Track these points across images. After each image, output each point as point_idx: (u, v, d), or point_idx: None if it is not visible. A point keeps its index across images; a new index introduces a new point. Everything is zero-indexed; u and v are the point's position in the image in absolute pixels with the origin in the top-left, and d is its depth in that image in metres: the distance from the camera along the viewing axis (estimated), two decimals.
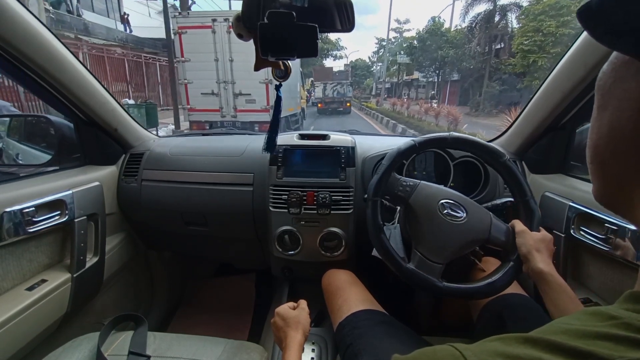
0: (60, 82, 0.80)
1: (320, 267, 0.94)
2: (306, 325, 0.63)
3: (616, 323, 0.21)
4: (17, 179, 0.82)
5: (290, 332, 0.60)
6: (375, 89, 39.26)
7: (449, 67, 20.90)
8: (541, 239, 0.64)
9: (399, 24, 30.49)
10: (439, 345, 0.26)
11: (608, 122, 0.26)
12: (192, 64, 5.71)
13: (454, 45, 18.95)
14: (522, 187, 0.71)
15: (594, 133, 0.28)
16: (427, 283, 0.65)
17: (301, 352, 0.58)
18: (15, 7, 0.64)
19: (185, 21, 5.55)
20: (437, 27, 20.37)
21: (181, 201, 1.06)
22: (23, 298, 0.74)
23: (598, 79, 0.27)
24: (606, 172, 0.28)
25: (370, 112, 16.88)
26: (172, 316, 1.44)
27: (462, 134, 0.76)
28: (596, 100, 0.28)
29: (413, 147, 0.73)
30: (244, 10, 0.48)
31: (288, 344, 0.58)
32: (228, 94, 5.85)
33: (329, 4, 0.46)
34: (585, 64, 0.71)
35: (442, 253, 0.67)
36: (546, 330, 0.24)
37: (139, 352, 0.70)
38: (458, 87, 21.55)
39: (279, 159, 0.99)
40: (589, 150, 0.29)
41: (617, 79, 0.25)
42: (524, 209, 0.71)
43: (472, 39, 17.02)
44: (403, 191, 0.72)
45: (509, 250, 0.67)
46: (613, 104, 0.25)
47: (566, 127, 0.89)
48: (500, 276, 0.65)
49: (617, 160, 0.26)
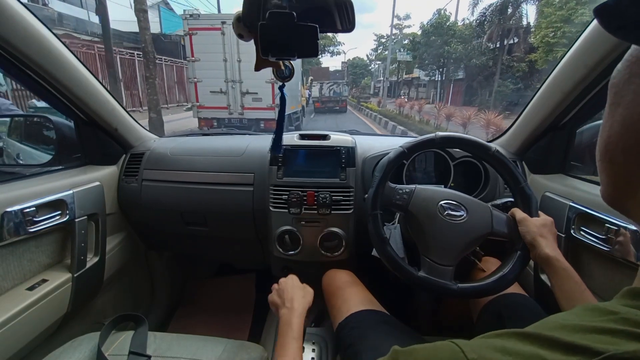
0: (60, 82, 0.80)
1: (321, 267, 0.94)
2: (311, 297, 0.66)
3: (614, 318, 0.21)
4: (17, 178, 0.82)
5: (300, 299, 0.61)
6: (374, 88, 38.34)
7: (455, 64, 18.79)
8: (543, 224, 0.65)
9: (399, 20, 29.37)
10: (439, 341, 0.26)
11: (621, 118, 0.26)
12: (201, 63, 5.97)
13: (462, 39, 17.07)
14: (515, 175, 0.72)
15: (605, 130, 0.28)
16: (441, 288, 0.65)
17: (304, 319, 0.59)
18: (15, 7, 0.64)
19: (195, 23, 5.78)
20: (442, 20, 18.17)
21: (181, 201, 1.06)
22: (23, 298, 0.74)
23: (612, 77, 0.28)
24: (616, 170, 0.28)
25: (371, 114, 14.93)
26: (172, 316, 1.44)
27: (449, 133, 0.76)
28: (609, 98, 0.28)
29: (402, 153, 0.73)
30: (244, 10, 0.48)
31: (296, 308, 0.59)
32: (236, 93, 6.15)
33: (329, 4, 0.46)
34: (586, 63, 0.71)
35: (450, 255, 0.67)
36: (544, 326, 0.24)
37: (139, 352, 0.70)
38: (462, 86, 19.83)
39: (279, 159, 0.99)
40: (600, 147, 0.29)
41: (632, 76, 0.25)
42: (520, 196, 0.71)
43: (482, 33, 15.59)
44: (401, 199, 0.72)
45: (513, 240, 0.68)
46: (627, 100, 0.26)
47: (566, 127, 0.89)
48: (510, 268, 0.66)
49: (628, 157, 0.26)
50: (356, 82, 44.32)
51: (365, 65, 46.12)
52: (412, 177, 1.03)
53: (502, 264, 0.68)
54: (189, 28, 5.81)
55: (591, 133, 0.89)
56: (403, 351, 0.28)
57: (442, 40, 17.67)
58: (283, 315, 0.60)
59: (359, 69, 44.67)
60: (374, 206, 0.70)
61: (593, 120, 0.86)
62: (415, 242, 0.71)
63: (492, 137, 1.17)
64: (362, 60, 46.65)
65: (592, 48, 0.69)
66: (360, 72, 44.86)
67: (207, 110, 6.29)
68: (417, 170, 1.05)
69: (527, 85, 14.06)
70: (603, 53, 0.67)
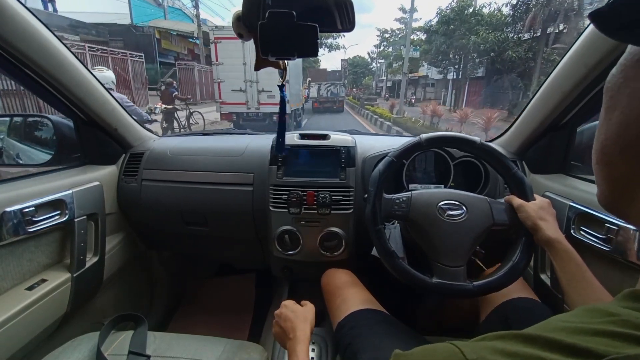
0: (59, 82, 0.80)
1: (320, 267, 0.94)
2: (313, 321, 0.64)
3: (613, 320, 0.21)
4: (17, 178, 0.82)
5: (300, 325, 0.60)
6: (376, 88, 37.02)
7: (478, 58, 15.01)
8: (540, 207, 0.65)
9: (404, 13, 25.64)
10: (439, 343, 0.26)
11: (617, 121, 0.26)
12: (224, 66, 7.19)
13: (492, 27, 13.43)
14: (505, 163, 0.72)
15: (602, 134, 0.28)
16: (458, 291, 0.65)
17: (309, 347, 0.58)
18: (15, 6, 0.64)
19: (220, 33, 7.07)
20: (466, 3, 14.50)
21: (181, 201, 1.05)
22: (23, 298, 0.74)
23: (607, 81, 0.28)
24: (613, 173, 0.28)
25: (383, 124, 11.00)
26: (172, 316, 1.44)
27: (433, 133, 0.76)
28: (604, 102, 0.28)
29: (391, 163, 0.73)
30: (244, 10, 0.48)
31: (298, 337, 0.58)
32: (253, 91, 7.34)
33: (329, 4, 0.46)
34: (586, 63, 0.71)
35: (459, 255, 0.67)
36: (544, 328, 0.24)
37: (139, 352, 0.70)
38: (481, 86, 16.75)
39: (279, 159, 0.99)
40: (596, 151, 0.29)
41: (627, 79, 0.25)
42: (513, 182, 0.72)
43: (518, 19, 12.50)
44: (400, 209, 0.72)
45: (516, 226, 0.68)
46: (622, 103, 0.26)
47: (566, 127, 0.89)
48: (519, 256, 0.66)
49: (625, 160, 0.26)
50: (357, 82, 43.71)
51: (366, 64, 45.17)
52: (412, 177, 1.03)
53: (509, 253, 0.68)
54: (215, 37, 7.05)
55: (591, 133, 0.89)
56: (404, 354, 0.28)
57: (465, 29, 14.15)
58: (289, 347, 0.59)
59: (360, 68, 43.98)
60: (375, 221, 0.70)
61: (593, 119, 0.86)
62: (423, 249, 0.71)
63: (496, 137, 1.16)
64: (363, 59, 45.69)
65: (592, 48, 0.69)
66: (361, 71, 44.13)
67: (229, 105, 7.47)
68: (417, 170, 1.05)
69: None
70: (603, 53, 0.67)
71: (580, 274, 0.55)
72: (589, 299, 0.53)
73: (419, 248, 0.73)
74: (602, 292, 0.53)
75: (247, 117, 7.52)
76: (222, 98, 7.43)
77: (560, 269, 0.57)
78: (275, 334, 0.65)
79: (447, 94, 20.55)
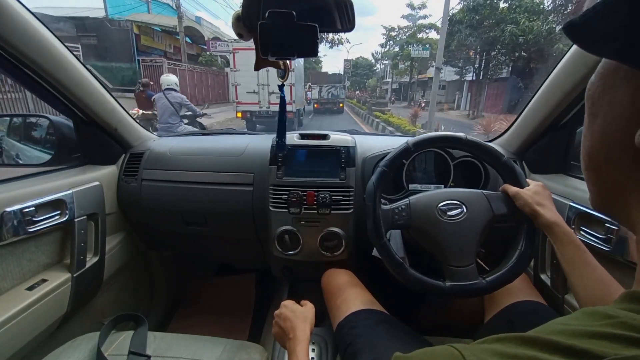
0: (59, 82, 0.80)
1: (320, 267, 0.94)
2: (313, 321, 0.64)
3: (612, 322, 0.21)
4: (17, 178, 0.82)
5: (300, 325, 0.60)
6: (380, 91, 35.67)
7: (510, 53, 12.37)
8: (535, 192, 0.66)
9: (412, 9, 23.52)
10: (439, 346, 0.26)
11: (600, 129, 0.27)
12: (241, 72, 8.34)
13: (533, 12, 10.86)
14: (493, 153, 0.72)
15: (587, 140, 0.28)
16: (471, 290, 0.66)
17: (309, 347, 0.58)
18: (15, 6, 0.64)
19: (238, 45, 8.21)
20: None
21: (181, 201, 1.05)
22: (23, 298, 0.74)
23: (587, 89, 0.28)
24: (601, 179, 0.29)
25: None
26: (172, 316, 1.44)
27: (420, 136, 0.76)
28: (587, 109, 0.28)
29: (384, 172, 0.73)
30: (244, 10, 0.48)
31: (298, 337, 0.58)
32: (264, 93, 8.54)
33: (329, 4, 0.46)
34: (586, 63, 0.71)
35: (466, 253, 0.67)
36: (543, 330, 0.24)
37: (139, 352, 0.70)
38: (503, 88, 14.53)
39: (279, 159, 0.99)
40: (583, 157, 0.30)
41: (606, 87, 0.25)
42: (504, 171, 0.72)
43: (568, 2, 10.19)
44: (400, 218, 0.71)
45: (516, 214, 0.68)
46: (603, 111, 0.26)
47: (566, 127, 0.89)
48: (524, 244, 0.67)
49: (611, 166, 0.27)
50: (359, 85, 42.84)
51: (370, 66, 44.21)
52: (412, 177, 1.03)
53: (514, 243, 0.69)
54: (233, 49, 8.37)
55: None
56: (404, 357, 0.28)
57: (499, 18, 11.57)
58: (289, 347, 0.59)
59: (363, 70, 43.23)
60: (379, 236, 0.69)
61: None
62: (431, 253, 0.71)
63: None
64: (366, 60, 44.87)
65: None
66: (364, 72, 43.40)
67: (244, 105, 8.69)
68: (417, 170, 1.05)
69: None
70: None
71: (578, 256, 0.56)
72: (588, 281, 0.53)
73: (426, 251, 0.73)
74: (601, 272, 0.54)
75: (259, 114, 8.74)
76: (239, 99, 8.75)
77: (560, 252, 0.58)
78: (275, 334, 0.65)
79: (461, 97, 18.12)
